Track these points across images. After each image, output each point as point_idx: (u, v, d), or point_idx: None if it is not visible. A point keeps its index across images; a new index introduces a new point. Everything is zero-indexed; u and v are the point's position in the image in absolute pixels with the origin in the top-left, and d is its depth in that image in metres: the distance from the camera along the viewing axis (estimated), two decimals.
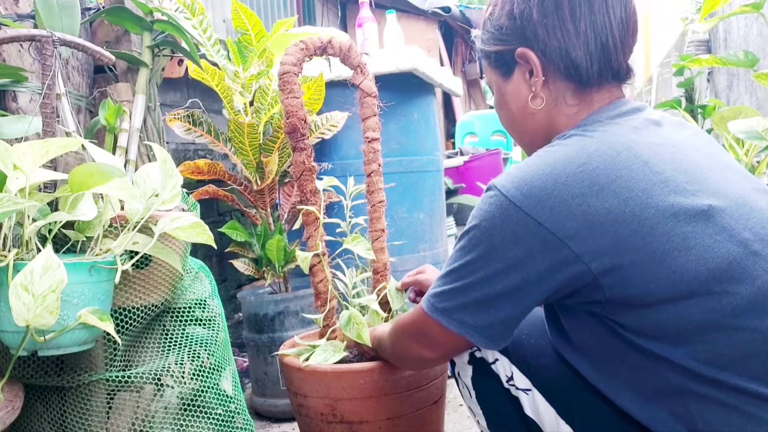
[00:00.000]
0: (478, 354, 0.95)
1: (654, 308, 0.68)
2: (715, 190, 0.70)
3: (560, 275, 0.70)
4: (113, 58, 1.27)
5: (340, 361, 1.20)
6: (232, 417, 1.20)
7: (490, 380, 0.93)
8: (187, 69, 1.81)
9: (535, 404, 0.87)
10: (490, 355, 0.93)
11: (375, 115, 1.33)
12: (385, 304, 1.30)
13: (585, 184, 0.69)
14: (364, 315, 1.27)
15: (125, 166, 1.31)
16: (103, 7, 1.45)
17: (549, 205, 0.69)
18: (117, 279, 0.96)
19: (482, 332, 0.77)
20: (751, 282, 0.66)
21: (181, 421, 1.11)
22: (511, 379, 0.90)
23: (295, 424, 1.67)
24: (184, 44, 1.46)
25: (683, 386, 0.68)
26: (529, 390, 0.88)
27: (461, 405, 1.78)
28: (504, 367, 0.91)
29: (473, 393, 0.97)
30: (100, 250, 1.00)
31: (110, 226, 1.04)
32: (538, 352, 0.89)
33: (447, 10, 4.70)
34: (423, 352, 0.88)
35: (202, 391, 1.16)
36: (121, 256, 0.99)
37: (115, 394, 1.08)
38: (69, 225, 1.02)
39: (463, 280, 0.76)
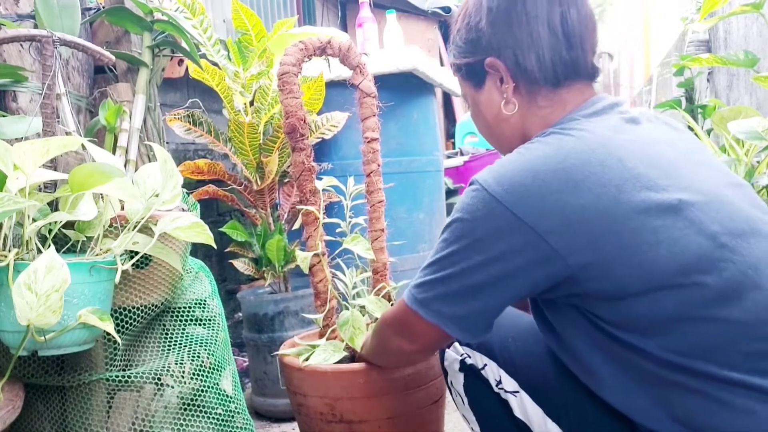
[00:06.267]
0: (468, 361, 0.97)
1: (628, 301, 0.70)
2: (687, 185, 0.71)
3: (539, 270, 0.72)
4: (113, 58, 1.27)
5: (340, 361, 1.20)
6: (232, 417, 1.20)
7: (480, 386, 0.95)
8: (187, 69, 1.81)
9: (523, 405, 0.89)
10: (479, 360, 0.95)
11: (374, 116, 1.33)
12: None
13: (562, 181, 0.70)
14: (363, 315, 1.27)
15: (125, 166, 1.31)
16: (103, 7, 1.45)
17: (529, 201, 0.71)
18: (117, 279, 0.96)
19: (459, 323, 0.79)
20: (719, 274, 0.68)
21: (181, 421, 1.11)
22: (500, 382, 0.92)
23: (295, 424, 1.68)
24: (184, 44, 1.46)
25: (660, 376, 0.70)
26: (517, 392, 0.90)
27: None
28: (492, 372, 0.93)
29: (466, 400, 0.98)
30: (100, 250, 1.01)
31: (110, 226, 1.04)
32: (524, 354, 0.91)
33: (447, 10, 4.70)
34: (402, 345, 0.90)
35: (202, 390, 1.16)
36: (121, 256, 0.99)
37: (115, 394, 1.08)
38: (69, 225, 1.02)
39: (444, 271, 0.77)
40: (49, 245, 0.92)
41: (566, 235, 0.70)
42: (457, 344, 0.99)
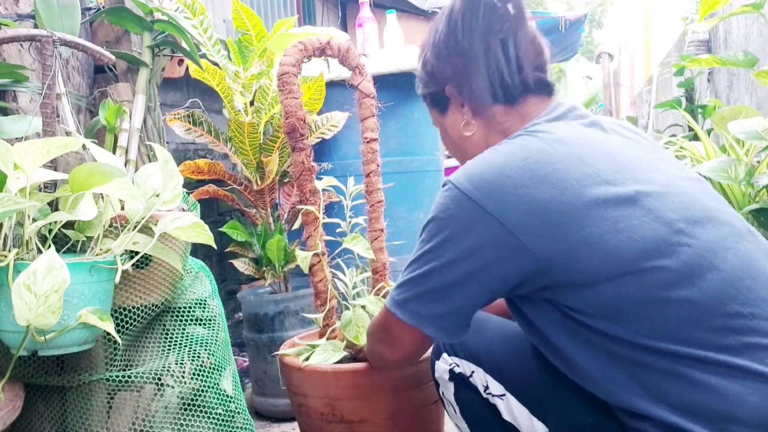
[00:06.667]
0: (457, 370, 0.99)
1: (595, 289, 0.73)
2: (642, 179, 0.76)
3: (509, 264, 0.75)
4: (113, 58, 1.27)
5: (340, 361, 1.20)
6: (232, 417, 1.20)
7: (470, 393, 0.97)
8: (187, 69, 1.81)
9: (510, 408, 0.91)
10: (467, 368, 0.97)
11: (373, 116, 1.33)
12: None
13: (527, 176, 0.74)
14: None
15: (125, 166, 1.31)
16: (103, 7, 1.45)
17: (497, 196, 0.75)
18: (117, 279, 0.96)
19: (435, 322, 0.82)
20: (677, 257, 0.71)
21: (181, 421, 1.12)
22: (487, 388, 0.94)
23: (295, 424, 1.68)
24: (184, 44, 1.46)
25: (632, 359, 0.73)
26: (504, 395, 0.92)
27: None
28: (480, 378, 0.95)
29: (457, 409, 1.01)
30: (101, 250, 1.00)
31: (110, 226, 1.04)
32: (508, 357, 0.93)
33: None
34: (384, 351, 0.93)
35: (202, 390, 1.16)
36: (121, 256, 0.99)
37: (115, 394, 1.08)
38: (69, 225, 1.02)
39: (420, 270, 0.80)
40: (50, 245, 0.92)
41: (533, 228, 0.73)
42: (445, 355, 1.02)
